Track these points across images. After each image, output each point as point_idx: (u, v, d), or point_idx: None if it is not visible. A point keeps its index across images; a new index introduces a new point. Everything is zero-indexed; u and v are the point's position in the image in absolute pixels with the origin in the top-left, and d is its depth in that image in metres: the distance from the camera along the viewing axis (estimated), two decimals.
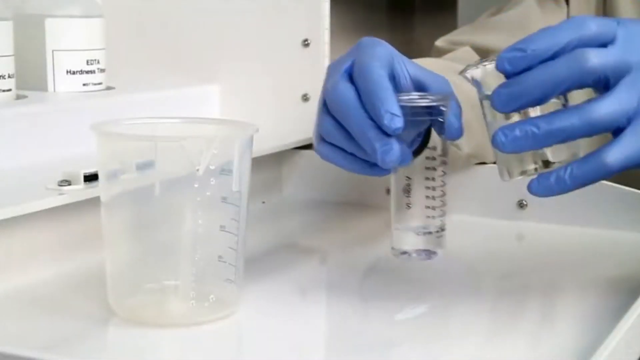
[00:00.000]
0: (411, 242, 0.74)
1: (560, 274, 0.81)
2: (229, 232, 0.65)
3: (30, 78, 0.94)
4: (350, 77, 0.72)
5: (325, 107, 0.73)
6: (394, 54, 0.74)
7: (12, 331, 0.64)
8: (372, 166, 0.72)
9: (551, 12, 1.10)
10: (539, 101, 0.67)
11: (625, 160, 0.67)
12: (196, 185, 0.63)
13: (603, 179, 0.68)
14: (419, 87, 0.74)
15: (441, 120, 0.72)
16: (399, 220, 0.74)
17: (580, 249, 0.87)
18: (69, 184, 0.75)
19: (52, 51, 0.94)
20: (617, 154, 0.66)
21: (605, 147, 0.67)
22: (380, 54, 0.72)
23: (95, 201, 0.67)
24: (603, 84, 0.67)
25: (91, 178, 0.75)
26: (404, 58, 0.74)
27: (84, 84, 0.95)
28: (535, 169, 0.69)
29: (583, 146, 0.69)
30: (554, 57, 0.66)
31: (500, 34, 1.09)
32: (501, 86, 0.67)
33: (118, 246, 0.66)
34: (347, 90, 0.71)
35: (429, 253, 0.74)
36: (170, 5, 1.07)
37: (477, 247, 0.90)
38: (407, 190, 0.73)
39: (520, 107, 0.67)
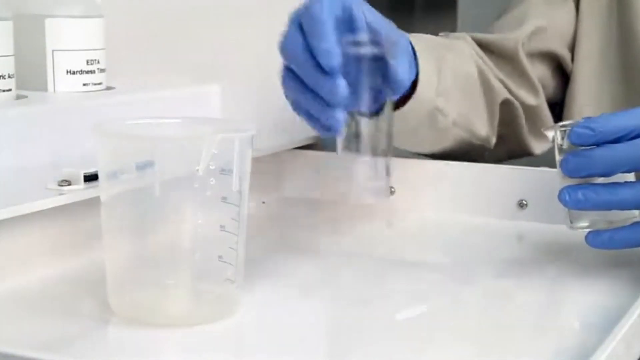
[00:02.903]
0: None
1: (560, 274, 0.81)
2: (229, 232, 0.65)
3: (30, 78, 0.94)
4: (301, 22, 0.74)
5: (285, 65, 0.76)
6: (354, 2, 0.75)
7: (12, 331, 0.64)
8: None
9: (558, 6, 1.10)
10: (602, 175, 0.76)
11: None
12: (196, 185, 0.63)
13: None
14: (373, 32, 0.76)
15: (383, 66, 0.73)
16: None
17: (580, 249, 0.87)
18: (69, 184, 0.75)
19: (52, 51, 0.94)
20: None
21: None
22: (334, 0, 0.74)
23: (95, 201, 0.67)
24: None
25: (91, 178, 0.75)
26: (366, 5, 0.76)
27: (84, 84, 0.95)
28: (594, 224, 0.78)
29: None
30: (619, 139, 0.75)
31: (501, 31, 1.09)
32: (570, 154, 0.77)
33: (118, 246, 0.66)
34: (294, 35, 0.73)
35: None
36: (170, 5, 1.07)
37: (477, 247, 0.90)
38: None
39: (584, 177, 0.77)
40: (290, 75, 0.75)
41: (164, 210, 0.64)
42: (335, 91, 0.71)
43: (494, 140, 1.03)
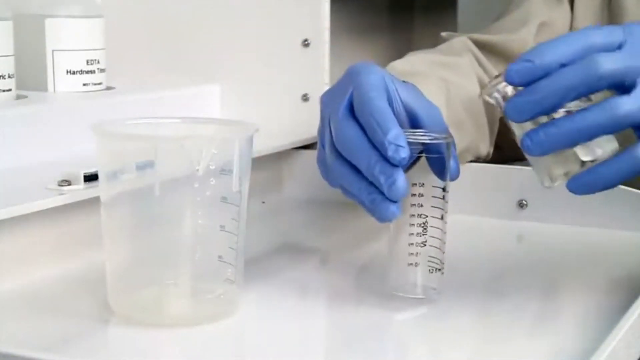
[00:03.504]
0: (406, 281, 0.71)
1: (560, 273, 0.81)
2: (229, 232, 0.65)
3: (30, 78, 0.94)
4: (351, 111, 0.71)
5: (335, 150, 0.72)
6: (386, 77, 0.73)
7: (12, 331, 0.64)
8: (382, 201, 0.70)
9: (555, 7, 1.10)
10: (554, 108, 0.67)
11: None
12: (196, 185, 0.63)
13: (638, 174, 0.68)
14: (410, 112, 0.73)
15: (436, 157, 0.71)
16: (395, 258, 0.72)
17: (580, 249, 0.87)
18: (69, 184, 0.75)
19: (52, 51, 0.94)
20: None
21: (638, 145, 0.67)
22: (376, 81, 0.72)
23: (95, 201, 0.67)
24: (618, 87, 0.68)
25: (91, 178, 0.75)
26: (396, 81, 0.74)
27: (84, 84, 0.95)
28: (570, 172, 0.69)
29: (616, 145, 0.69)
30: (562, 67, 0.67)
31: (502, 32, 1.09)
32: (515, 96, 0.68)
33: (118, 246, 0.66)
34: (352, 129, 0.70)
35: (427, 290, 0.72)
36: (170, 6, 1.07)
37: (477, 247, 0.90)
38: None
39: (535, 115, 0.67)
40: (341, 162, 0.71)
41: (164, 210, 0.64)
42: (396, 186, 0.68)
43: (491, 152, 1.03)
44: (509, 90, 0.69)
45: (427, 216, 0.70)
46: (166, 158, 0.63)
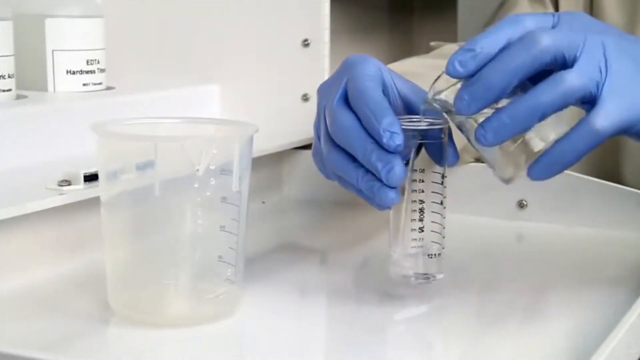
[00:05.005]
0: (410, 265, 0.72)
1: (560, 274, 0.81)
2: (229, 232, 0.65)
3: (30, 78, 0.94)
4: (346, 100, 0.72)
5: (330, 140, 0.73)
6: (382, 68, 0.74)
7: (12, 331, 0.64)
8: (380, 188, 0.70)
9: (541, 11, 1.11)
10: (502, 93, 0.66)
11: (612, 124, 0.67)
12: (196, 185, 0.63)
13: (595, 147, 0.67)
14: (406, 102, 0.74)
15: (433, 143, 0.71)
16: (398, 244, 0.73)
17: (580, 249, 0.87)
18: (69, 184, 0.75)
19: (52, 51, 0.94)
20: (602, 117, 0.66)
21: (589, 115, 0.67)
22: (371, 72, 0.72)
23: (95, 201, 0.67)
24: (561, 63, 0.67)
25: (91, 178, 0.75)
26: (392, 72, 0.74)
27: (84, 84, 0.95)
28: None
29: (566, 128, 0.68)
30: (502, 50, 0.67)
31: None
32: (461, 88, 0.67)
33: (118, 246, 0.66)
34: (347, 118, 0.71)
35: (428, 277, 0.73)
36: (170, 6, 1.07)
37: (477, 247, 0.90)
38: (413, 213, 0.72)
39: (486, 104, 0.67)
40: (337, 152, 0.72)
41: (164, 210, 0.64)
42: (394, 172, 0.68)
43: None
44: (451, 90, 0.69)
45: (426, 202, 0.71)
46: (166, 158, 0.63)
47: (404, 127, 0.69)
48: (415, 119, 0.71)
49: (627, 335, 0.62)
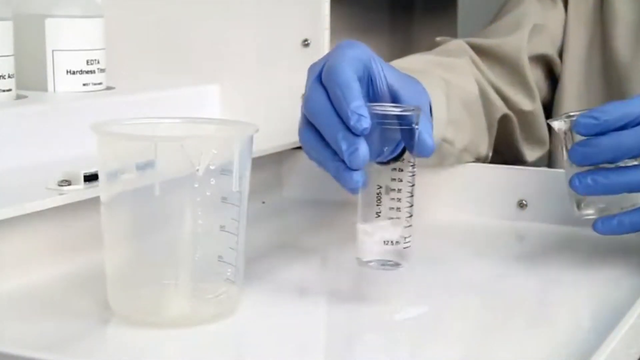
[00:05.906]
0: (376, 251, 0.71)
1: (559, 274, 0.81)
2: (229, 232, 0.65)
3: (30, 78, 0.94)
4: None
5: (304, 117, 0.73)
6: (372, 56, 0.74)
7: (12, 331, 0.64)
8: (345, 170, 0.71)
9: (550, 8, 1.11)
10: (610, 162, 0.78)
11: None
12: (196, 185, 0.63)
13: None
14: (393, 92, 0.74)
15: (409, 131, 0.71)
16: (365, 229, 0.72)
17: (580, 249, 0.87)
18: (69, 184, 0.75)
19: (52, 51, 0.94)
20: None
21: None
22: (353, 55, 0.73)
23: (95, 201, 0.67)
24: None
25: (91, 178, 0.75)
26: (382, 61, 0.75)
27: (84, 84, 0.95)
28: (601, 211, 0.80)
29: None
30: (625, 127, 0.77)
31: (496, 35, 1.09)
32: (578, 144, 0.78)
33: (118, 246, 0.66)
34: (319, 97, 0.71)
35: (393, 264, 0.72)
36: (170, 6, 1.07)
37: (477, 247, 0.90)
38: (377, 199, 0.72)
39: (591, 164, 0.78)
40: (310, 129, 0.73)
41: (164, 210, 0.64)
42: (357, 154, 0.68)
43: (490, 155, 1.03)
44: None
45: (402, 190, 0.71)
46: (166, 158, 0.63)
47: (375, 111, 0.69)
48: (387, 106, 0.71)
49: (627, 335, 0.62)
